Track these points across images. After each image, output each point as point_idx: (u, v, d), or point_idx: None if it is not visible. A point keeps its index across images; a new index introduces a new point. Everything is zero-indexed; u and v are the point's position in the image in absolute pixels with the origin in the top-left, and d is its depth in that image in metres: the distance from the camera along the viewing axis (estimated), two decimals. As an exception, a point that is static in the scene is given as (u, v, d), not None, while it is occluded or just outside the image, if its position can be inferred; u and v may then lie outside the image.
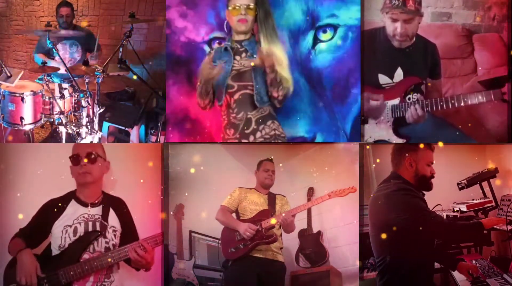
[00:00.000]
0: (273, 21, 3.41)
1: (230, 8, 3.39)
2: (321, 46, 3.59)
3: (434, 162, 3.18)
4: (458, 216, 3.38)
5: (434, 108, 3.53)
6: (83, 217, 3.22)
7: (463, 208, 3.38)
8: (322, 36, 3.58)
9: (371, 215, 3.21)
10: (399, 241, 3.04)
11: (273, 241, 3.35)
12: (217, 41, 3.62)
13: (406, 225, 3.03)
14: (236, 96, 3.39)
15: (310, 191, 3.44)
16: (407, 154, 3.14)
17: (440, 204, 3.39)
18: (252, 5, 3.36)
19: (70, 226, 3.20)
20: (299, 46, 3.58)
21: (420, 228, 3.01)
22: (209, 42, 3.62)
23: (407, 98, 3.60)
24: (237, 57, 3.40)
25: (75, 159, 3.24)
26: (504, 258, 3.31)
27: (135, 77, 4.09)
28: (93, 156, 3.25)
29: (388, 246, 3.08)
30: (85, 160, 3.23)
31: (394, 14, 3.55)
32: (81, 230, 3.19)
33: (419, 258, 3.05)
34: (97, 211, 3.24)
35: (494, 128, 3.64)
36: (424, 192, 3.14)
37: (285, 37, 3.56)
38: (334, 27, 3.57)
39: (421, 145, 3.17)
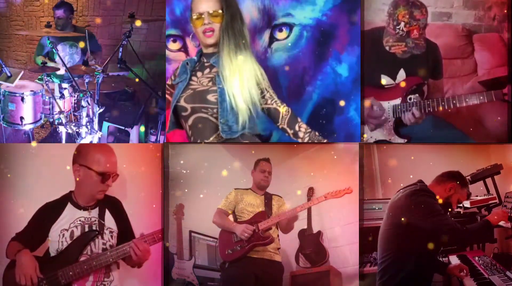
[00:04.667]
0: (240, 27, 3.11)
1: (193, 17, 3.10)
2: (277, 45, 3.58)
3: (463, 205, 3.36)
4: (462, 212, 3.40)
5: (436, 108, 3.53)
6: (80, 220, 3.21)
7: (467, 204, 3.40)
8: (278, 35, 3.58)
9: (390, 211, 3.23)
10: (406, 239, 3.09)
11: (269, 242, 3.35)
12: (172, 39, 3.57)
13: (420, 224, 3.07)
14: (190, 121, 3.17)
15: (310, 191, 3.44)
16: (456, 182, 3.20)
17: (453, 221, 3.39)
18: (217, 11, 3.06)
19: (67, 229, 3.19)
20: (256, 44, 3.57)
21: (431, 228, 3.07)
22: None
23: (408, 98, 3.60)
24: (198, 74, 3.18)
25: (104, 178, 3.19)
26: (507, 255, 3.32)
27: (137, 79, 4.08)
28: (116, 176, 3.24)
29: (396, 243, 3.12)
30: (112, 182, 3.22)
31: (398, 48, 3.56)
32: (77, 234, 3.19)
33: (421, 262, 3.09)
34: (93, 213, 3.23)
35: (494, 128, 3.64)
36: None
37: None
38: (290, 26, 3.57)
39: (466, 186, 3.24)
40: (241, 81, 3.07)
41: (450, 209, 3.23)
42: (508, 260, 3.28)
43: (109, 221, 3.24)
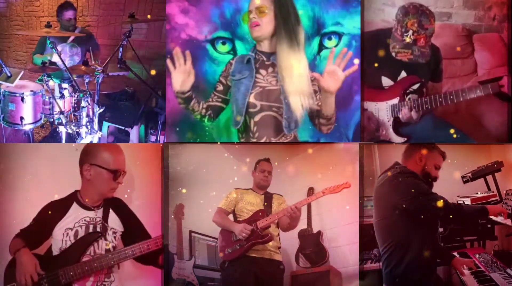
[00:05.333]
0: (294, 27, 3.22)
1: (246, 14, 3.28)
2: (326, 53, 3.57)
3: (442, 168, 3.28)
4: (465, 204, 3.41)
5: (434, 104, 3.53)
6: (85, 220, 3.22)
7: (467, 201, 3.41)
8: (327, 43, 3.58)
9: (376, 200, 3.27)
10: (403, 224, 3.13)
11: (268, 240, 3.35)
12: (221, 41, 3.60)
13: (409, 207, 3.10)
14: (257, 118, 3.29)
15: (310, 191, 3.44)
16: (420, 150, 3.24)
17: (444, 198, 3.40)
18: (264, 7, 3.20)
19: (71, 229, 3.20)
20: (305, 51, 3.50)
21: (422, 209, 3.11)
22: (212, 41, 3.60)
23: (406, 98, 3.60)
24: (262, 72, 3.29)
25: (116, 175, 3.25)
26: (508, 252, 3.33)
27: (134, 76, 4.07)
28: (125, 174, 3.29)
29: (393, 231, 3.16)
30: (122, 179, 3.27)
31: (404, 55, 3.57)
32: (81, 233, 3.20)
33: (423, 246, 3.12)
34: (98, 213, 3.24)
35: (494, 128, 3.64)
36: None
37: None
38: (339, 35, 3.58)
39: (435, 148, 3.26)
40: (294, 79, 3.21)
41: (432, 182, 3.24)
42: (508, 258, 3.29)
43: (113, 222, 3.26)
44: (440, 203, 3.13)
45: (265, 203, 3.42)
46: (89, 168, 3.24)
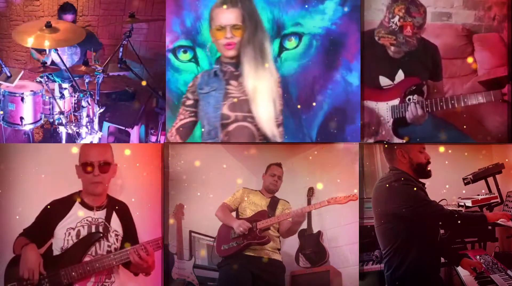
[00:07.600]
0: (261, 39, 3.30)
1: (213, 28, 3.28)
2: (286, 54, 3.57)
3: (426, 147, 3.33)
4: (463, 212, 3.41)
5: (434, 108, 3.53)
6: (87, 220, 3.22)
7: (468, 203, 3.41)
8: (288, 44, 3.57)
9: (374, 207, 3.29)
10: (403, 230, 3.16)
11: (266, 242, 3.35)
12: (182, 50, 3.58)
13: (408, 214, 3.14)
14: (231, 128, 3.34)
15: (310, 191, 3.44)
16: (396, 147, 3.29)
17: (445, 199, 3.40)
18: (239, 24, 3.24)
19: (73, 228, 3.20)
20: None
21: (421, 217, 3.15)
22: (174, 51, 3.60)
23: (407, 99, 3.60)
24: (233, 83, 3.33)
25: (87, 167, 3.23)
26: (508, 254, 3.34)
27: (144, 83, 4.06)
28: (106, 165, 3.26)
29: (394, 235, 3.19)
30: (98, 171, 3.24)
31: (387, 40, 3.56)
32: (84, 233, 3.20)
33: (424, 249, 3.14)
34: (101, 214, 3.24)
35: (494, 128, 3.64)
36: (425, 180, 3.29)
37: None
38: (299, 36, 3.57)
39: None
40: (261, 92, 3.30)
41: (428, 168, 3.28)
42: (509, 259, 3.30)
43: (116, 224, 3.26)
44: (436, 210, 3.20)
45: (269, 206, 3.43)
46: (77, 168, 3.29)
